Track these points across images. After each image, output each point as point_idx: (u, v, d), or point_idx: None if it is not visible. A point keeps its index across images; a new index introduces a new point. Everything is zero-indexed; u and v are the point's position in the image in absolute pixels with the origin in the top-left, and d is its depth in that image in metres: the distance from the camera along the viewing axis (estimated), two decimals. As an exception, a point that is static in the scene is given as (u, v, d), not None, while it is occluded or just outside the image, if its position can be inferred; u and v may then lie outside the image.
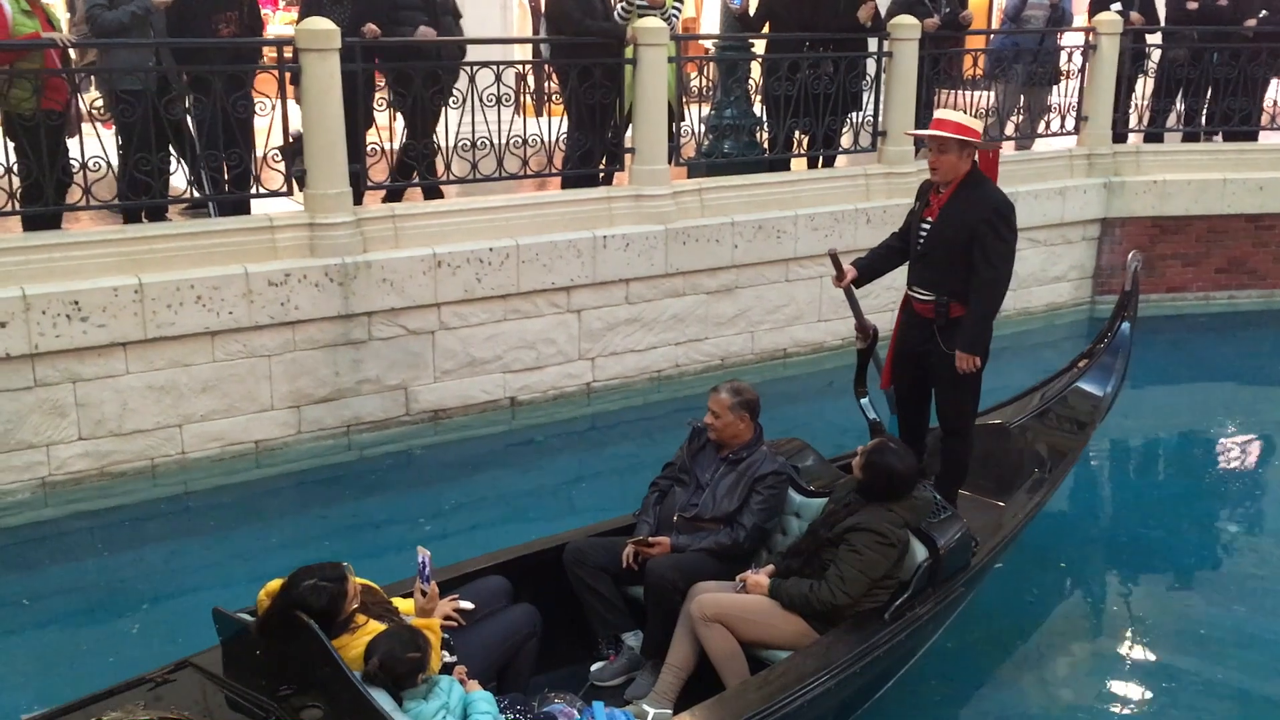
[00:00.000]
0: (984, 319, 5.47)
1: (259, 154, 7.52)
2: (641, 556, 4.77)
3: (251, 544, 6.65)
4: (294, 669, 3.63)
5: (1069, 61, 10.84)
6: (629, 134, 8.83)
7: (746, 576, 4.66)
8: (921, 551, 4.61)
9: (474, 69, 7.94)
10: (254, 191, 7.55)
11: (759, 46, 9.82)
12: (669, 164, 8.81)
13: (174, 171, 7.35)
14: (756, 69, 9.80)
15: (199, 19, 7.48)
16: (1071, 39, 11.28)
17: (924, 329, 5.61)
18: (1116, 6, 10.88)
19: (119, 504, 6.88)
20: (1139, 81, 11.30)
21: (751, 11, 9.99)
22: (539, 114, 8.79)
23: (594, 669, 4.77)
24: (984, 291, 5.42)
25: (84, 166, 6.91)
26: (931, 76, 9.96)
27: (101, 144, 6.95)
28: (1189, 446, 8.62)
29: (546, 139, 8.45)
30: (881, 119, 9.83)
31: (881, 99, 9.78)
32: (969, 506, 5.70)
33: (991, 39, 11.14)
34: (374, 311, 7.57)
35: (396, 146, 8.13)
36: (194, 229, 7.24)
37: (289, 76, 7.36)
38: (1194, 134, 11.38)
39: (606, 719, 4.10)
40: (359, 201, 7.75)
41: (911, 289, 5.70)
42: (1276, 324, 10.94)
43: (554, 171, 8.59)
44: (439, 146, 8.08)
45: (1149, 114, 11.25)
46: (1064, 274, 10.96)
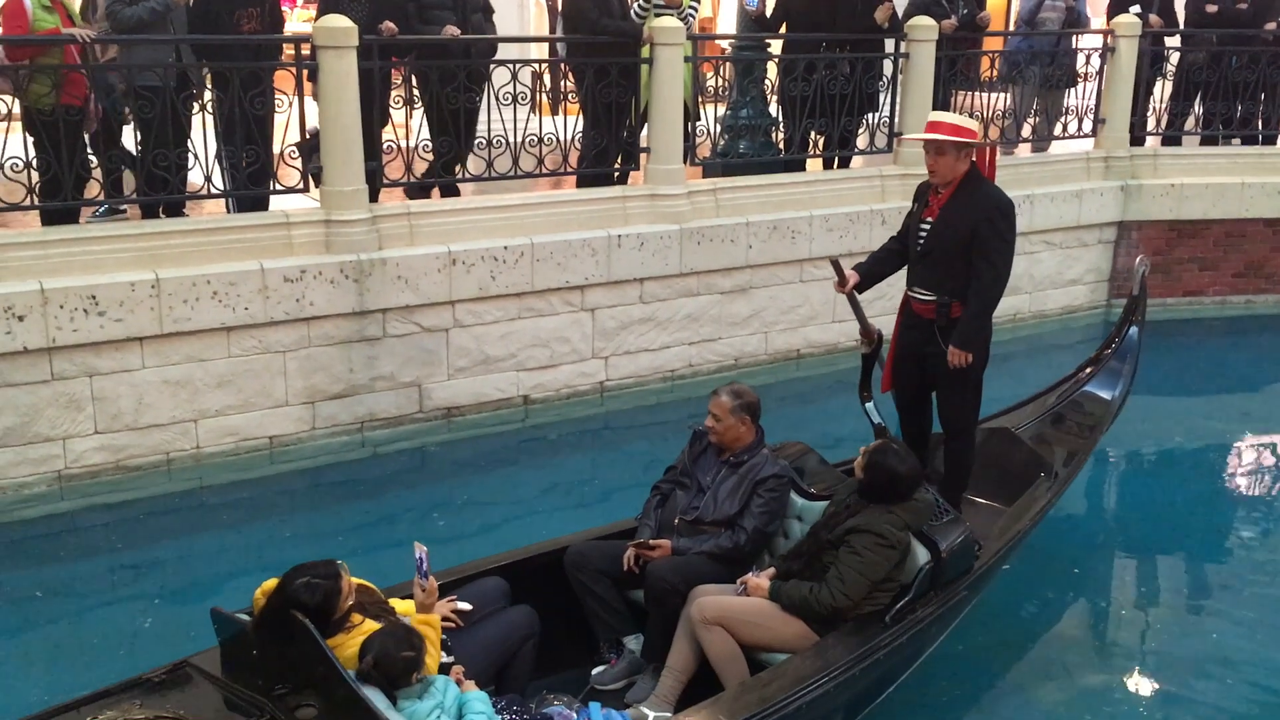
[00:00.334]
0: (980, 316, 5.48)
1: (276, 150, 7.55)
2: (642, 559, 4.75)
3: (265, 540, 6.67)
4: (290, 668, 3.63)
5: (1087, 64, 10.80)
6: (644, 133, 8.84)
7: (747, 579, 4.65)
8: (923, 554, 4.59)
9: (490, 67, 7.96)
10: (271, 188, 7.59)
11: (775, 47, 9.81)
12: (684, 164, 8.81)
13: (191, 167, 7.39)
14: (773, 69, 9.80)
15: (220, 15, 7.52)
16: (1090, 41, 11.24)
17: (924, 330, 5.61)
18: (1135, 9, 10.83)
19: (134, 498, 6.92)
20: (1157, 84, 11.26)
21: (768, 12, 9.98)
22: (555, 113, 8.80)
23: (595, 673, 4.76)
24: (982, 290, 5.43)
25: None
26: (949, 78, 9.94)
27: (120, 140, 6.99)
28: (1204, 452, 8.57)
29: (562, 138, 8.46)
30: (898, 120, 9.81)
31: (898, 100, 9.77)
32: (973, 510, 5.69)
33: (1007, 42, 11.09)
34: (389, 308, 7.60)
35: (413, 144, 8.15)
36: (211, 225, 7.28)
37: (306, 73, 7.40)
38: (1212, 137, 11.33)
39: (604, 719, 4.11)
40: (375, 199, 7.78)
41: (912, 290, 5.69)
42: (1293, 329, 10.90)
43: (569, 170, 8.60)
44: (446, 146, 8.11)
45: (1167, 117, 11.21)
46: (1080, 277, 10.92)
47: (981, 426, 6.13)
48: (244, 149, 7.28)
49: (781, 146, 9.66)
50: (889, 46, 9.74)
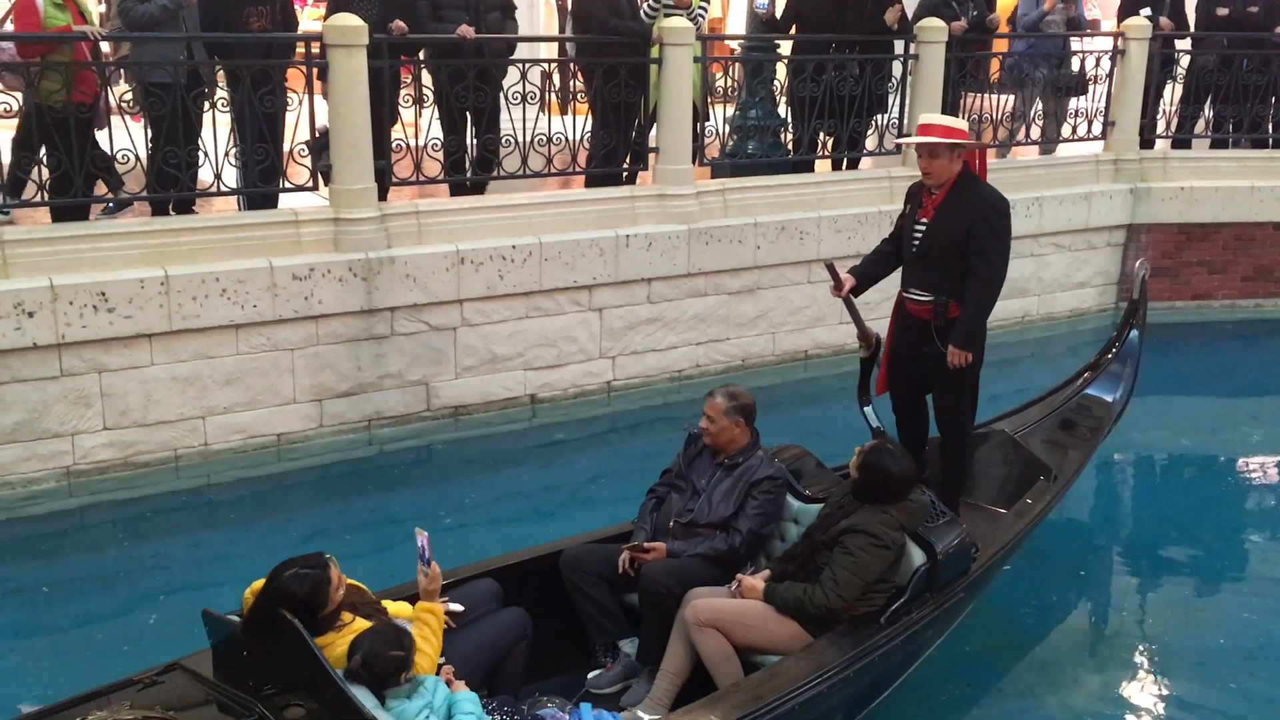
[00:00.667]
0: (979, 316, 5.47)
1: (286, 148, 7.56)
2: (637, 562, 4.73)
3: (272, 537, 6.68)
4: (279, 668, 3.62)
5: (1096, 66, 10.78)
6: (653, 133, 8.84)
7: (742, 578, 4.63)
8: (919, 556, 4.57)
9: (498, 67, 7.97)
10: (280, 186, 7.61)
11: (785, 48, 9.81)
12: (693, 164, 8.81)
13: (201, 165, 7.41)
14: (782, 70, 9.79)
15: (231, 13, 7.53)
16: (1100, 44, 11.22)
17: (921, 331, 5.59)
18: (1146, 12, 10.82)
19: (142, 495, 6.94)
20: (1167, 87, 11.24)
21: (779, 14, 9.98)
22: (564, 112, 8.81)
23: (590, 676, 4.73)
24: (980, 289, 5.42)
25: (113, 159, 6.95)
26: (958, 80, 9.93)
27: (130, 137, 7.01)
28: (1213, 455, 8.55)
29: (571, 137, 8.47)
30: (907, 122, 9.80)
31: (907, 101, 9.76)
32: (971, 513, 5.65)
33: (1011, 45, 11.06)
34: (396, 307, 7.60)
35: (422, 143, 8.16)
36: (221, 222, 7.30)
37: (316, 72, 7.41)
38: (1222, 140, 11.30)
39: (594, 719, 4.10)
40: (383, 197, 7.80)
41: (907, 291, 5.67)
42: (1303, 333, 10.87)
43: (578, 170, 8.61)
44: (468, 144, 8.11)
45: (1177, 120, 11.18)
46: (1089, 280, 10.90)
47: (980, 430, 6.11)
48: (254, 147, 7.29)
49: (790, 147, 9.66)
50: (898, 48, 9.74)
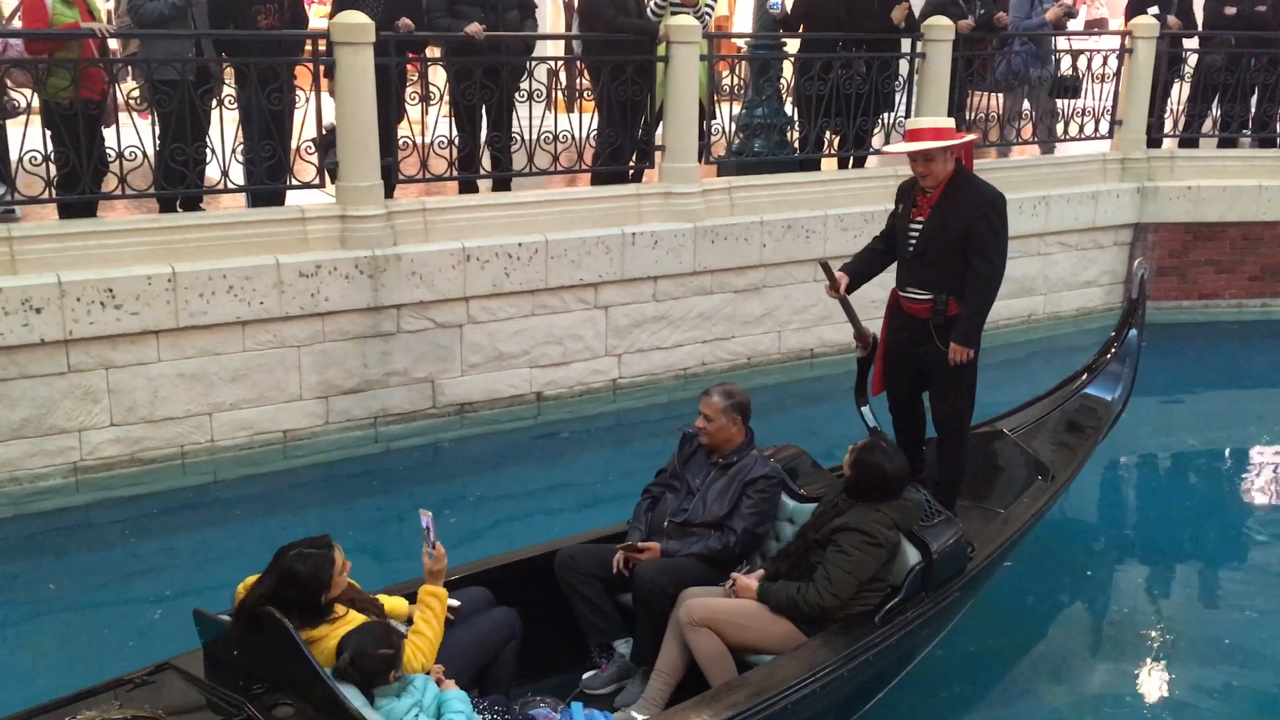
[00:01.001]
0: (980, 313, 5.46)
1: (293, 146, 7.57)
2: (631, 562, 4.73)
3: (278, 534, 6.63)
4: (269, 667, 3.62)
5: (1104, 65, 10.76)
6: (660, 131, 8.84)
7: (736, 577, 4.62)
8: (914, 555, 4.55)
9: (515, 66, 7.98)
10: (287, 183, 7.61)
11: (791, 46, 9.80)
12: (699, 162, 8.81)
13: (209, 161, 7.41)
14: (788, 68, 9.79)
15: (240, 10, 7.54)
16: (1107, 42, 11.19)
17: (919, 330, 5.56)
18: (1154, 10, 10.78)
19: (148, 491, 6.95)
20: (1175, 86, 11.21)
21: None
22: (570, 110, 8.81)
23: (585, 677, 4.73)
24: (980, 286, 5.41)
25: (120, 155, 6.97)
26: (965, 78, 9.91)
27: (138, 133, 7.02)
28: (1220, 455, 8.55)
29: (577, 135, 8.47)
30: (908, 124, 9.77)
31: (914, 100, 9.75)
32: (968, 512, 5.63)
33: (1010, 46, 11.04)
34: (403, 304, 7.61)
35: (429, 140, 8.16)
36: (228, 219, 7.31)
37: (323, 69, 7.42)
38: (1230, 140, 11.27)
39: (585, 719, 4.10)
40: (390, 194, 7.80)
41: (904, 290, 5.64)
42: (1311, 333, 10.84)
43: (584, 168, 8.61)
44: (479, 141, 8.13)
45: (1184, 119, 11.16)
46: (1095, 279, 10.88)
47: (978, 429, 6.09)
48: (260, 144, 7.30)
49: (796, 145, 9.65)
50: (905, 46, 9.72)
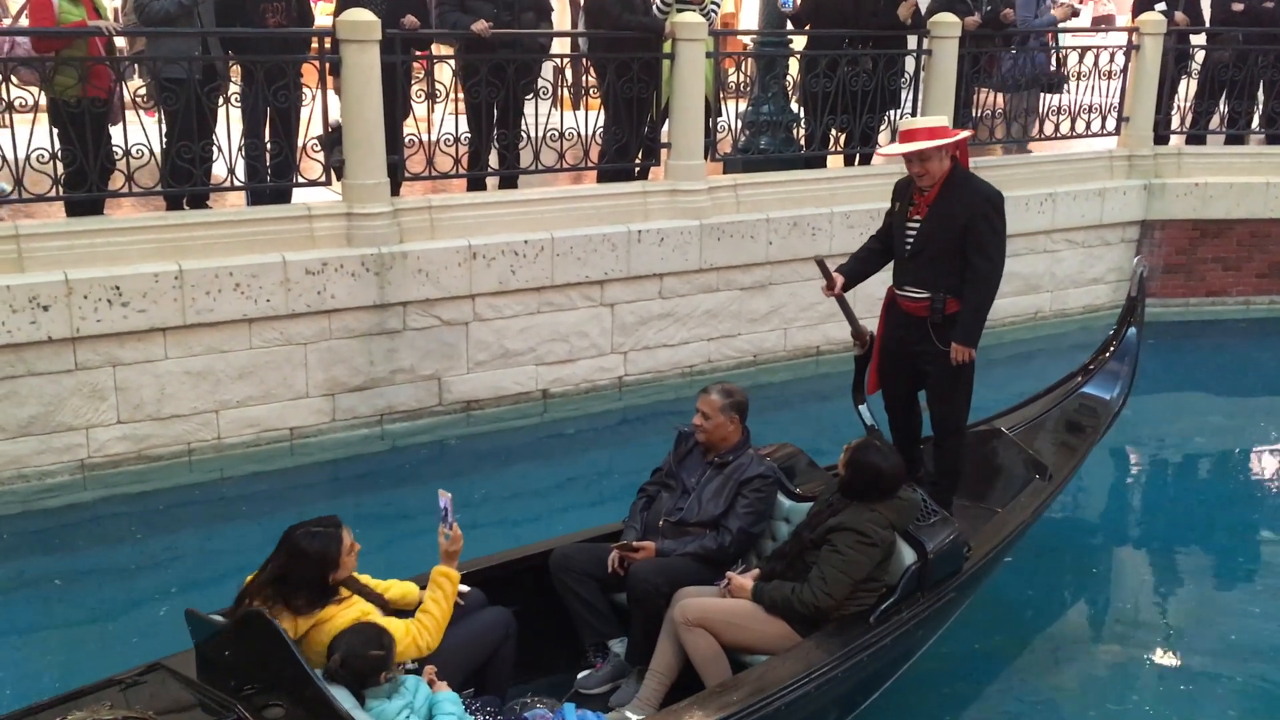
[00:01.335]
0: (981, 311, 5.45)
1: (300, 143, 7.58)
2: (626, 561, 4.72)
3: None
4: (260, 668, 3.62)
5: (1111, 62, 10.74)
6: (665, 129, 8.84)
7: (731, 577, 4.61)
8: (910, 554, 4.54)
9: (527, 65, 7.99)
10: (294, 180, 7.62)
11: (797, 43, 9.79)
12: (705, 159, 8.80)
13: (215, 159, 7.42)
14: (794, 65, 9.78)
15: (247, 8, 7.55)
16: (1114, 39, 11.17)
17: (916, 328, 5.55)
18: (1161, 6, 10.77)
19: (155, 488, 6.97)
20: (1182, 82, 11.18)
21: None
22: (576, 107, 8.81)
23: (580, 677, 4.72)
24: (980, 283, 5.39)
25: (127, 153, 6.99)
26: (971, 75, 9.90)
27: (145, 131, 7.03)
28: (1226, 452, 8.53)
29: (583, 132, 8.47)
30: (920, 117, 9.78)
31: (920, 97, 9.74)
32: (965, 512, 5.61)
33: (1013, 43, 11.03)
34: (409, 302, 7.62)
35: (435, 138, 8.17)
36: (234, 217, 7.32)
37: (329, 67, 7.42)
38: (1237, 136, 11.24)
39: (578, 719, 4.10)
40: (396, 192, 7.81)
41: (901, 289, 5.62)
42: (1318, 331, 10.81)
43: (590, 165, 8.61)
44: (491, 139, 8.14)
45: (1191, 116, 11.13)
46: (1102, 276, 10.86)
47: (976, 428, 6.07)
48: (267, 141, 7.31)
49: (803, 143, 9.64)
50: (911, 43, 9.71)
